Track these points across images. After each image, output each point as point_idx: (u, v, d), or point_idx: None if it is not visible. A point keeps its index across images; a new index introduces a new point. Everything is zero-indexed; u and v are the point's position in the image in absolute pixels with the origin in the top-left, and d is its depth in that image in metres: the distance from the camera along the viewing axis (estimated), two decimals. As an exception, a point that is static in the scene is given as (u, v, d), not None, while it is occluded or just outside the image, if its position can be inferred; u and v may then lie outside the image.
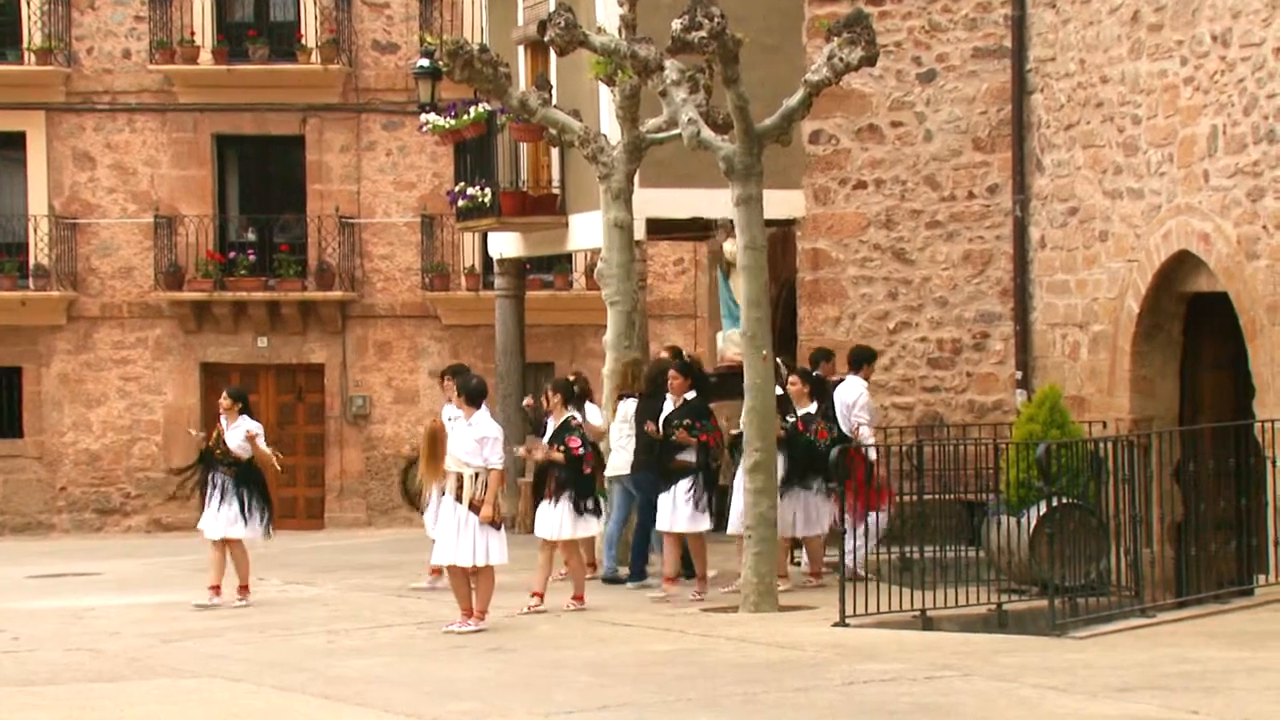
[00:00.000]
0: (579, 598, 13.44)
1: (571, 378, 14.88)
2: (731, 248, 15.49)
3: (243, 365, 26.73)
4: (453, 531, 12.35)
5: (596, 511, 13.62)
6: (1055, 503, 12.96)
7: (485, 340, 25.45)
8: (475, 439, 12.42)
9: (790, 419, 14.33)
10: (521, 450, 14.25)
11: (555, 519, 13.42)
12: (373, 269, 27.10)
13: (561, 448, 13.45)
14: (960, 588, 12.66)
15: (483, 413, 12.77)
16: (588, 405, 15.09)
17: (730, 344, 16.66)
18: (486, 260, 24.43)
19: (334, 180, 26.99)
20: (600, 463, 14.11)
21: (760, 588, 12.91)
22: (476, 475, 12.36)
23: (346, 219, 26.89)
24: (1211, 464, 12.62)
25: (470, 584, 12.48)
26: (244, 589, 14.26)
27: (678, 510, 13.75)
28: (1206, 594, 12.65)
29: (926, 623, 12.24)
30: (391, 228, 27.11)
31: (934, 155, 17.82)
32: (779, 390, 14.39)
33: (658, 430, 14.09)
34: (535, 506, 13.81)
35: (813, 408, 14.59)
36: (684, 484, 13.76)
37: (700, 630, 12.21)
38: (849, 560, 12.99)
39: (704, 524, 13.77)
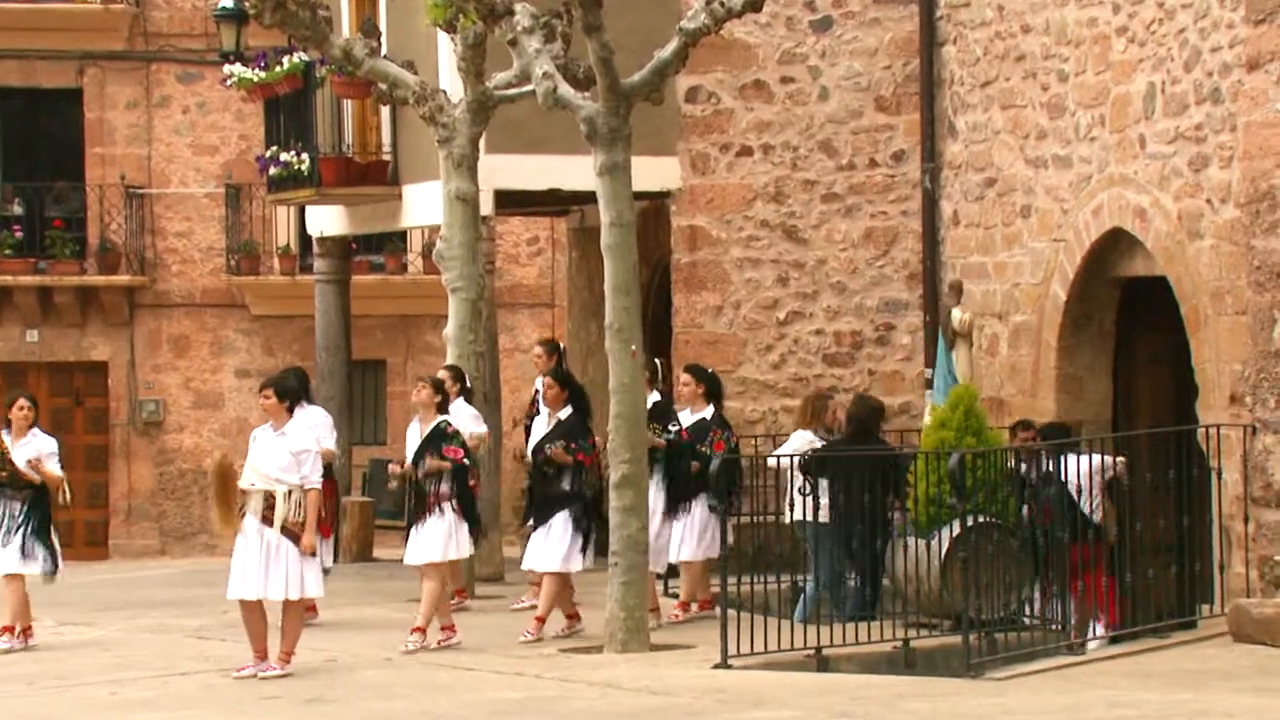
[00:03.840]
0: (449, 628, 13.51)
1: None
2: (960, 315, 15.23)
3: (6, 363, 26.32)
4: (258, 559, 12.29)
5: (473, 533, 13.67)
6: (970, 522, 13.17)
7: (303, 334, 25.31)
8: (291, 451, 12.37)
9: (673, 428, 14.41)
10: (396, 467, 14.11)
11: (427, 540, 13.42)
12: (167, 249, 26.83)
13: (439, 458, 13.44)
14: (861, 622, 12.83)
15: (300, 419, 12.70)
16: (461, 406, 15.08)
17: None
18: (304, 239, 24.27)
19: (118, 143, 26.67)
20: (476, 476, 14.21)
21: (629, 624, 12.99)
22: (291, 494, 12.31)
23: (134, 189, 26.58)
24: (1149, 476, 12.91)
25: (265, 620, 12.45)
26: (9, 630, 14.11)
27: (549, 548, 13.80)
28: (1143, 627, 12.93)
29: (822, 663, 12.39)
30: (189, 200, 26.85)
31: (830, 117, 18.02)
32: (657, 395, 14.49)
33: (524, 457, 14.17)
34: (408, 528, 13.80)
35: (707, 413, 14.65)
36: (561, 516, 13.82)
37: (558, 674, 12.27)
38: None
39: (576, 564, 13.81)
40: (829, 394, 15.90)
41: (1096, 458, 12.97)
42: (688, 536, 14.44)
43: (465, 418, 15.14)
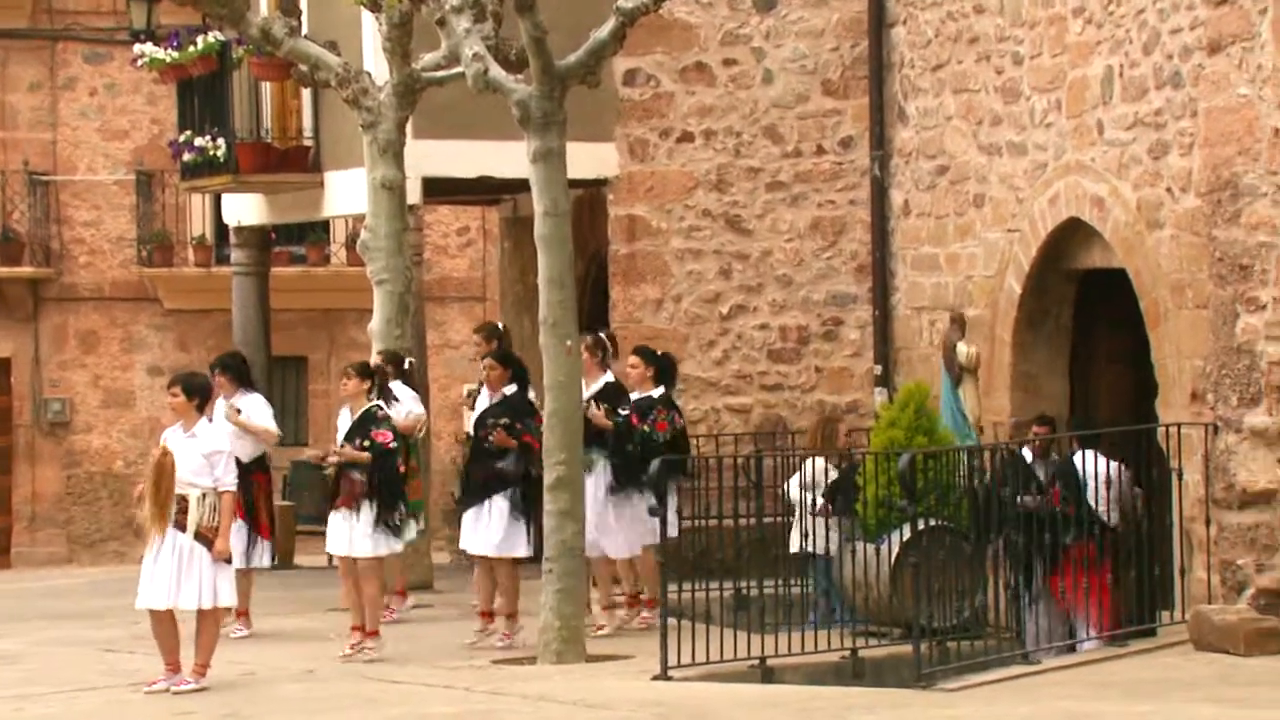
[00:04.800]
0: (373, 632, 13.51)
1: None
2: (966, 349, 15.13)
3: (-98, 360, 26.18)
4: (170, 567, 12.27)
5: (399, 528, 13.66)
6: (921, 526, 13.27)
7: (220, 328, 25.22)
8: (203, 453, 12.36)
9: (623, 410, 14.45)
10: (313, 454, 14.15)
11: (349, 531, 13.42)
12: (74, 239, 26.70)
13: (366, 443, 13.43)
14: (807, 630, 12.90)
15: (212, 420, 12.67)
16: (400, 387, 15.11)
17: None
18: (221, 229, 24.21)
19: (21, 126, 26.51)
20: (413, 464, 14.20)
21: (564, 633, 13.03)
22: (204, 497, 12.31)
23: (38, 175, 26.44)
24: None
25: (177, 632, 12.43)
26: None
27: (489, 529, 13.81)
28: (1100, 635, 13.06)
29: (766, 673, 12.46)
30: (98, 187, 26.72)
31: (775, 101, 18.10)
32: (610, 376, 14.53)
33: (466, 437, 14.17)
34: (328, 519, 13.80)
35: (655, 392, 14.68)
36: (499, 498, 13.83)
37: (490, 687, 12.30)
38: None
39: (519, 549, 13.84)
40: (838, 417, 15.93)
41: (1107, 461, 13.30)
42: (634, 530, 14.46)
43: (405, 398, 15.22)
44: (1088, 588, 13.09)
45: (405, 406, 15.03)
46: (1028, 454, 13.70)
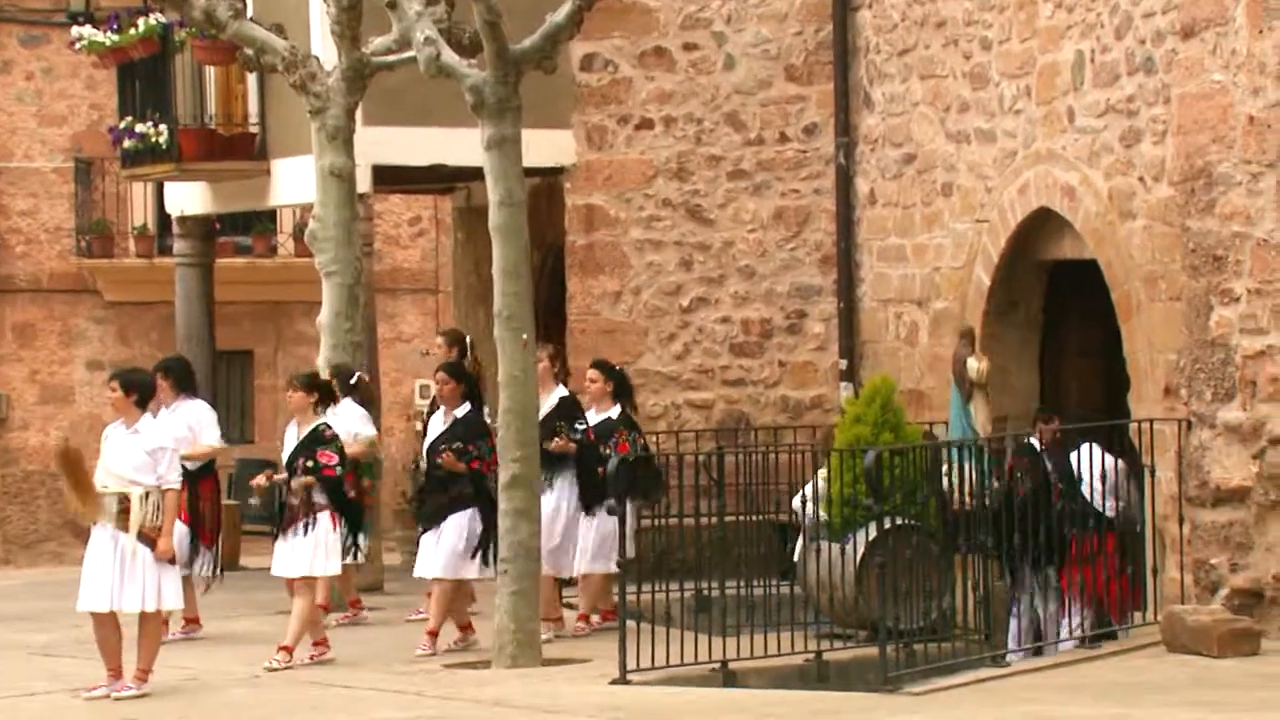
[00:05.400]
0: (322, 643, 13.54)
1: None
2: (977, 364, 14.91)
3: None
4: (112, 568, 12.26)
5: (346, 549, 13.70)
6: (888, 525, 13.33)
7: (162, 321, 25.18)
8: (146, 450, 12.35)
9: (580, 426, 14.49)
10: (261, 480, 14.08)
11: (296, 553, 13.43)
12: (10, 229, 26.61)
13: (310, 464, 13.43)
14: (770, 633, 12.95)
15: (151, 416, 12.66)
16: (349, 406, 15.10)
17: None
18: (163, 218, 24.16)
19: (-44, 112, 26.42)
20: (363, 486, 14.20)
21: (519, 636, 13.06)
22: (148, 495, 12.30)
23: (-26, 163, 26.35)
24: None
25: (119, 635, 12.43)
26: None
27: (439, 550, 13.86)
28: (1071, 637, 13.13)
29: (728, 677, 12.50)
30: (35, 175, 26.63)
31: (737, 87, 18.14)
32: (564, 391, 14.56)
33: (417, 460, 14.20)
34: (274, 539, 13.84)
35: (613, 411, 14.73)
36: (454, 519, 13.87)
37: (442, 691, 12.32)
38: None
39: (471, 570, 13.86)
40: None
41: (1102, 455, 13.32)
42: (588, 547, 14.53)
43: (353, 418, 15.17)
44: (1107, 579, 13.14)
45: (354, 428, 14.97)
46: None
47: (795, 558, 14.51)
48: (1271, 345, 12.47)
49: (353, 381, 15.45)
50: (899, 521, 13.48)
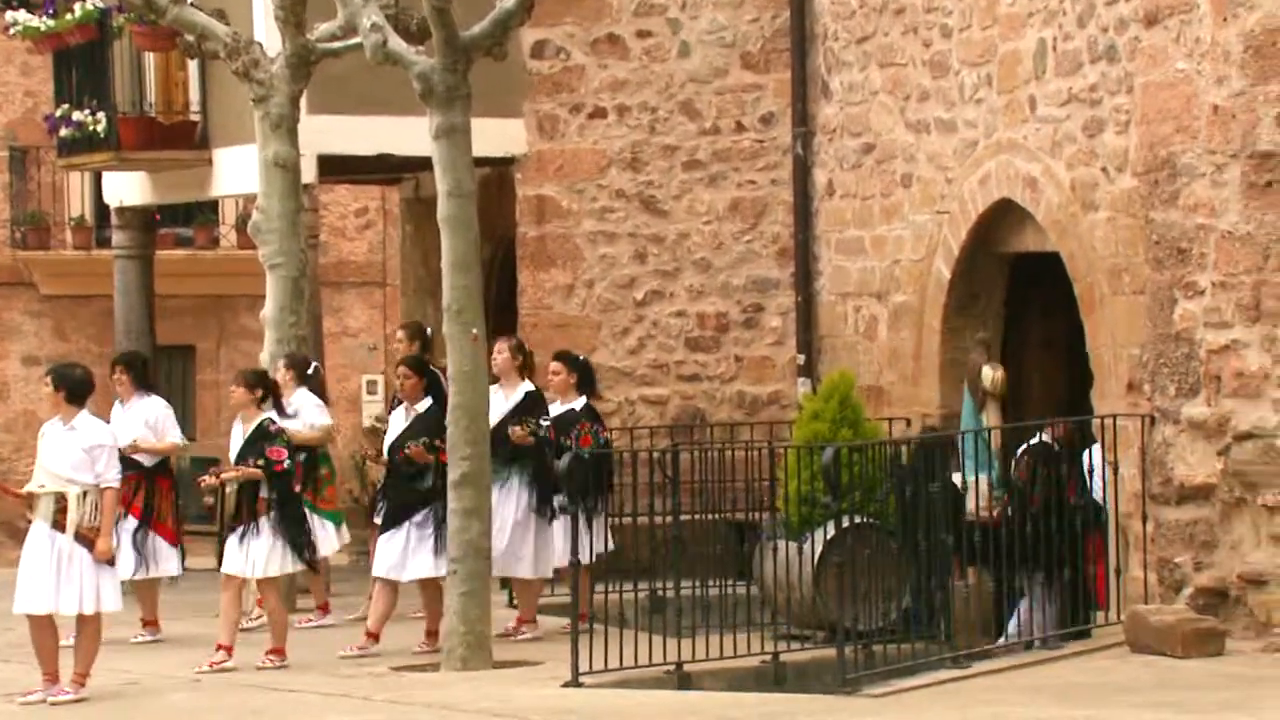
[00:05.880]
0: (278, 650, 13.51)
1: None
2: (992, 373, 14.59)
3: None
4: (49, 569, 12.24)
5: (301, 547, 13.69)
6: (846, 523, 13.38)
7: (100, 316, 25.10)
8: (83, 448, 12.34)
9: (544, 421, 14.51)
10: (210, 479, 14.03)
11: (248, 551, 13.43)
12: (-57, 220, 26.49)
13: (260, 461, 13.43)
14: (726, 634, 13.00)
15: (89, 413, 12.65)
16: (304, 395, 15.11)
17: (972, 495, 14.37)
18: (101, 209, 24.08)
19: (-113, 99, 26.30)
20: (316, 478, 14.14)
21: (470, 639, 13.09)
22: (85, 495, 12.29)
23: (-95, 152, 26.24)
24: (1041, 471, 13.19)
25: (56, 638, 12.41)
26: None
27: (408, 550, 13.86)
28: (1033, 637, 13.21)
29: (683, 679, 12.55)
30: (-31, 164, 26.51)
31: (692, 75, 18.18)
32: (529, 385, 14.59)
33: (378, 455, 14.27)
34: (223, 537, 13.82)
35: (577, 403, 14.76)
36: (417, 518, 13.89)
37: (390, 695, 12.34)
38: None
39: (443, 568, 13.85)
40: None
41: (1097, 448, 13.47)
42: (543, 551, 14.55)
43: (309, 408, 15.22)
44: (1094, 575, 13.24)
45: (309, 418, 15.03)
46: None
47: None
48: (1236, 339, 12.56)
49: (310, 372, 15.52)
50: (858, 520, 13.53)
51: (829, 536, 13.61)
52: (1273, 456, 12.40)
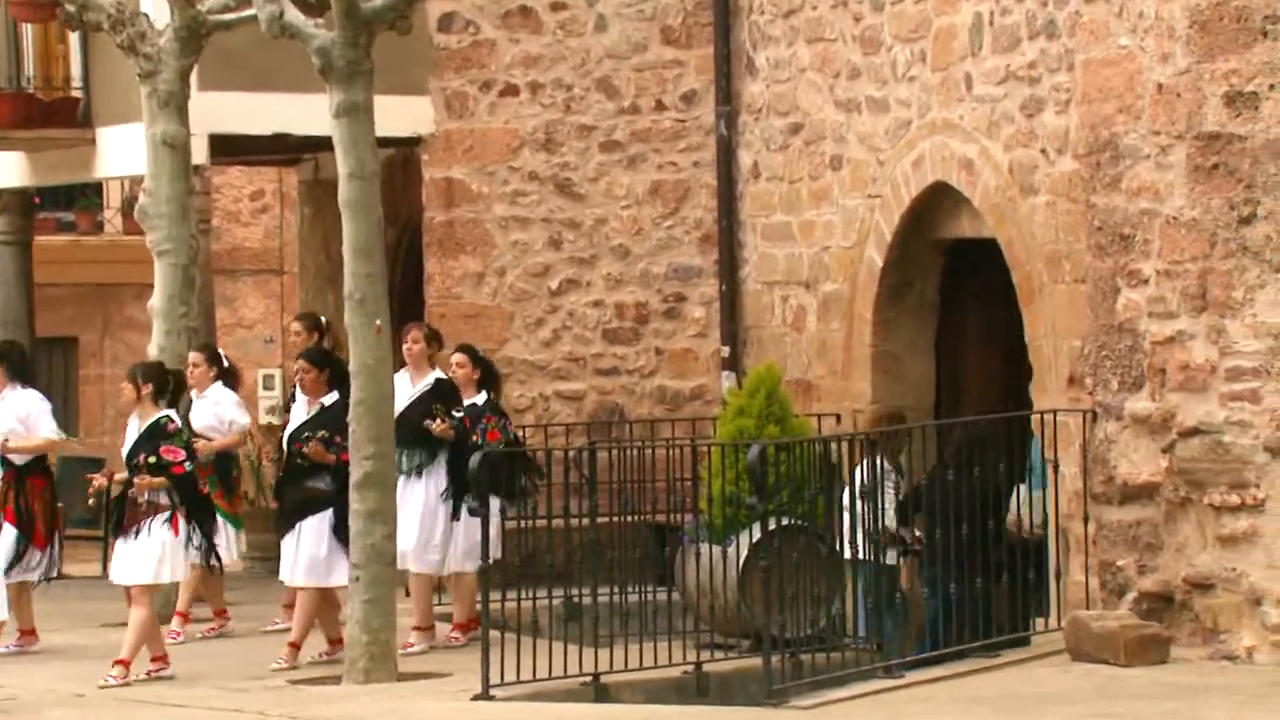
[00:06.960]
0: (161, 658, 13.51)
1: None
2: None
3: None
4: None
5: (207, 548, 13.68)
6: (773, 525, 13.46)
7: (-25, 306, 24.95)
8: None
9: (458, 413, 14.55)
10: (100, 479, 13.99)
11: (136, 557, 13.38)
12: None
13: (152, 459, 13.36)
14: (646, 643, 13.06)
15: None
16: (221, 390, 15.10)
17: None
18: (-23, 191, 23.95)
19: None
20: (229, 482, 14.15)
21: (373, 649, 13.10)
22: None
23: None
24: (976, 470, 13.30)
25: None
26: None
27: (301, 554, 13.88)
28: (969, 645, 13.31)
29: (600, 691, 12.61)
30: None
31: (609, 51, 18.22)
32: (439, 374, 14.63)
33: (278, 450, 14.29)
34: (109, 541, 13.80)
35: (478, 399, 14.81)
36: (313, 520, 13.91)
37: (287, 710, 12.33)
38: None
39: (339, 576, 13.85)
40: (900, 414, 15.38)
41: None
42: (459, 543, 14.58)
43: (228, 404, 15.25)
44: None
45: (227, 415, 15.05)
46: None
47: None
48: (1182, 330, 12.67)
49: (226, 365, 15.54)
50: (785, 521, 13.61)
51: (755, 539, 13.68)
52: (1220, 454, 12.52)
